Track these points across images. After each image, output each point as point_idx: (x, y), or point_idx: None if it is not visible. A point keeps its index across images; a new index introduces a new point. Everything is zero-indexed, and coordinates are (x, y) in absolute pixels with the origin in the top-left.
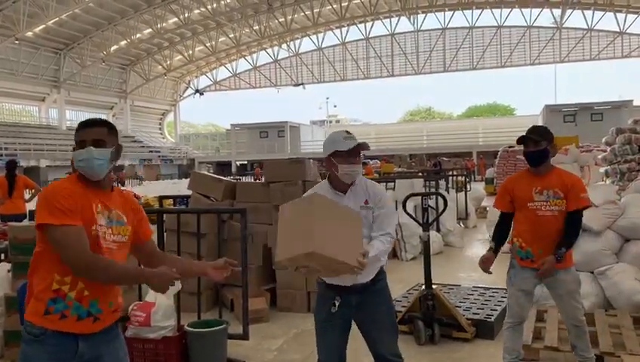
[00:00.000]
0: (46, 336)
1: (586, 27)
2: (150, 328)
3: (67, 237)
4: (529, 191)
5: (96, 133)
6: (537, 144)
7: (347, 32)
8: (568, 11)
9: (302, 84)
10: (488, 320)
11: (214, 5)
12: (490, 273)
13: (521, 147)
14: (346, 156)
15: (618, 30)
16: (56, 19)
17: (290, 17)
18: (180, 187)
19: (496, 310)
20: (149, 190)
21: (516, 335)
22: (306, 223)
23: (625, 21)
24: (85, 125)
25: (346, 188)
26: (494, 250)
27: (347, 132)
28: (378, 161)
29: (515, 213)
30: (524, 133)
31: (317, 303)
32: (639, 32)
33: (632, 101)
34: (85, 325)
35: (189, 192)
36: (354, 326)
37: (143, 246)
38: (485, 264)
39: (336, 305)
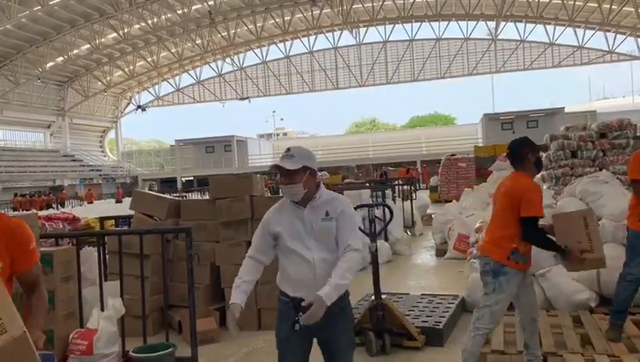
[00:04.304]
0: None
1: (519, 39)
2: (93, 356)
3: None
4: None
5: None
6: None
7: (291, 45)
8: (502, 23)
9: (247, 97)
10: (437, 327)
11: (155, 20)
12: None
13: (464, 155)
14: (281, 175)
15: (548, 41)
16: None
17: (234, 31)
18: (123, 206)
19: (444, 317)
20: (90, 211)
21: (482, 341)
22: None
23: (554, 32)
24: None
25: (305, 202)
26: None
27: (288, 149)
28: (327, 173)
29: (513, 218)
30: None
31: (278, 321)
32: (568, 42)
33: (563, 108)
34: None
35: (132, 212)
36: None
37: (21, 277)
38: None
39: (300, 322)
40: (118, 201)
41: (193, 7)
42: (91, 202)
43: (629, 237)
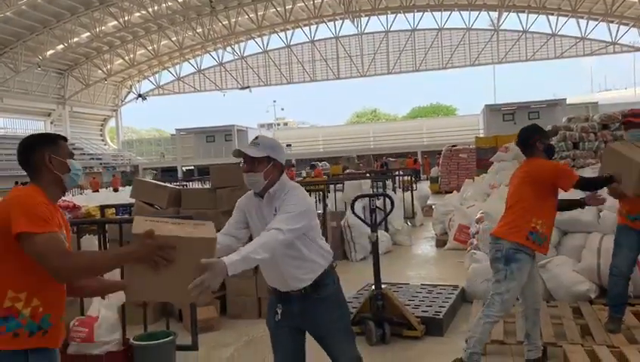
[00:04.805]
0: None
1: (522, 29)
2: (94, 344)
3: (51, 243)
4: None
5: None
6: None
7: (292, 34)
8: (504, 14)
9: (248, 87)
10: (437, 317)
11: (155, 8)
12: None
13: (465, 146)
14: (244, 162)
15: (551, 32)
16: None
17: (234, 20)
18: (124, 195)
19: (444, 307)
20: (91, 199)
21: (491, 329)
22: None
23: (557, 23)
24: (65, 138)
25: (263, 193)
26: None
27: (255, 137)
28: (327, 163)
29: (547, 199)
30: (551, 131)
31: (267, 310)
32: (570, 33)
33: (565, 99)
34: (35, 340)
35: (133, 200)
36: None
37: None
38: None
39: (279, 313)
40: (115, 190)
41: None
42: (97, 190)
43: (615, 231)
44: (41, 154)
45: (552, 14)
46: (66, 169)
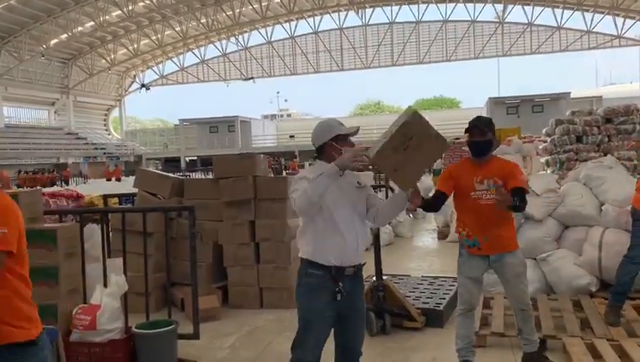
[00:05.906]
0: None
1: (527, 22)
2: (96, 331)
3: None
4: (471, 180)
5: None
6: (484, 134)
7: (296, 25)
8: (510, 6)
9: (251, 78)
10: (437, 308)
11: None
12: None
13: (467, 138)
14: (347, 140)
15: (556, 25)
16: None
17: (238, 10)
18: (127, 185)
19: (444, 298)
20: (94, 188)
21: (468, 322)
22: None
23: (562, 16)
24: None
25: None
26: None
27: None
28: None
29: (456, 201)
30: (469, 123)
31: (310, 295)
32: (576, 27)
33: (569, 93)
34: None
35: (136, 190)
36: None
37: None
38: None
39: (343, 292)
40: (117, 180)
41: None
42: (110, 179)
43: (635, 216)
44: None
45: (558, 7)
46: None
